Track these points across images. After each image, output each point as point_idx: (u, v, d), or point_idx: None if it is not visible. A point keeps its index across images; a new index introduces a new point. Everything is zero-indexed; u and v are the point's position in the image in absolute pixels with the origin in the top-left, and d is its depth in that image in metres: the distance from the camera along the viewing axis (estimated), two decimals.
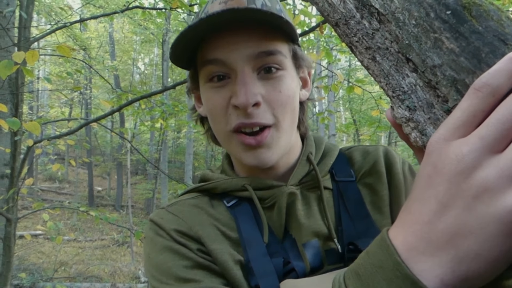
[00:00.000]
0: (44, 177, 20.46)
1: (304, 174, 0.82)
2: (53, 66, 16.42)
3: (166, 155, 13.95)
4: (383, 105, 3.93)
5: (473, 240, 0.33)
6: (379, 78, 0.46)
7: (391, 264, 0.37)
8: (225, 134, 0.76)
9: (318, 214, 0.79)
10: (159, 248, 0.75)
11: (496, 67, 0.34)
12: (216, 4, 0.74)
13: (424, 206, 0.37)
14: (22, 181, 3.59)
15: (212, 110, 0.76)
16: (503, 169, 0.32)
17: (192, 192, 0.87)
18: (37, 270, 9.41)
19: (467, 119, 0.35)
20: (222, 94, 0.73)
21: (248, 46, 0.71)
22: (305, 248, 0.75)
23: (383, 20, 0.44)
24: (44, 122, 4.09)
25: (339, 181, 0.84)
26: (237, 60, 0.71)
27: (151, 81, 19.71)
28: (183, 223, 0.77)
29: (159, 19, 8.98)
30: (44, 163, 18.19)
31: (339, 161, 0.88)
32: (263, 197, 0.80)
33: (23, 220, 12.36)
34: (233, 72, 0.72)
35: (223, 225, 0.78)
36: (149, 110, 4.77)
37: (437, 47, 0.39)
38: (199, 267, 0.72)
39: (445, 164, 0.35)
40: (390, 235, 0.39)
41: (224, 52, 0.71)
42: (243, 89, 0.70)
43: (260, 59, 0.71)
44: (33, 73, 2.42)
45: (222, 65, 0.72)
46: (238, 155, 0.77)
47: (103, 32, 18.43)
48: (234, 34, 0.71)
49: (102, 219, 3.83)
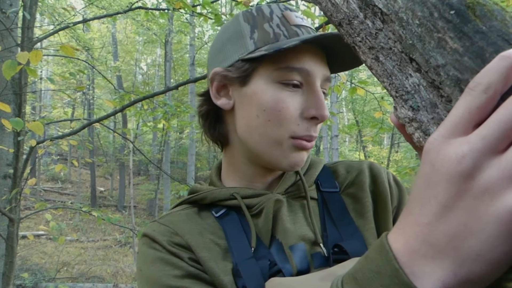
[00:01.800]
0: (46, 178, 20.52)
1: (291, 184, 0.86)
2: (55, 67, 16.48)
3: (168, 155, 13.97)
4: (385, 106, 3.92)
5: (474, 241, 0.33)
6: (382, 78, 0.46)
7: (389, 271, 0.37)
8: (278, 137, 0.76)
9: (303, 221, 0.82)
10: (150, 260, 0.76)
11: (487, 66, 0.34)
12: (292, 15, 0.80)
13: (424, 207, 0.36)
14: (25, 181, 3.60)
15: (282, 112, 0.75)
16: (504, 170, 0.31)
17: (182, 204, 0.89)
18: (39, 270, 9.44)
19: (462, 115, 0.35)
20: (297, 100, 0.76)
21: (324, 67, 0.78)
22: (292, 251, 0.77)
23: (386, 20, 0.44)
24: (47, 123, 4.11)
25: (324, 191, 0.88)
26: (317, 76, 0.77)
27: (154, 82, 19.75)
28: (174, 233, 0.79)
29: (162, 19, 9.00)
30: (47, 164, 18.24)
31: (324, 174, 0.92)
32: (251, 204, 0.82)
33: (26, 220, 12.39)
34: (309, 85, 0.77)
35: (211, 233, 0.79)
36: (151, 110, 4.78)
37: (441, 47, 0.39)
38: (190, 276, 0.73)
39: (444, 163, 0.34)
40: (390, 239, 0.39)
41: (310, 65, 0.76)
42: (322, 102, 0.76)
43: (324, 82, 0.79)
44: (36, 73, 2.42)
45: (306, 75, 0.76)
46: (285, 156, 0.78)
47: (105, 33, 18.49)
48: (317, 52, 0.78)
49: (105, 219, 3.84)
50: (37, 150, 3.76)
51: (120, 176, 18.34)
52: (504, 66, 0.33)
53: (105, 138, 21.49)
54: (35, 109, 16.43)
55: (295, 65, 0.75)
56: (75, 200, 16.33)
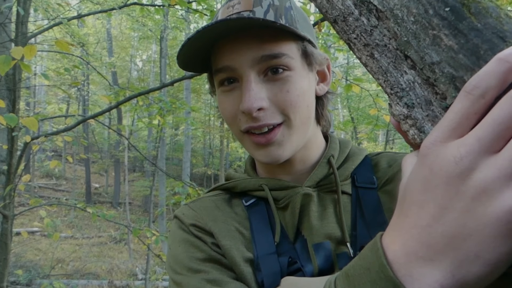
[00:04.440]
0: (41, 174, 20.42)
1: (323, 177, 0.83)
2: (50, 62, 16.35)
3: (164, 152, 13.93)
4: (380, 103, 3.93)
5: (472, 242, 0.33)
6: (377, 75, 0.46)
7: (377, 266, 0.38)
8: (237, 135, 0.80)
9: (333, 217, 0.79)
10: (178, 241, 0.81)
11: (485, 69, 0.34)
12: (225, 8, 0.76)
13: (422, 210, 0.36)
14: (19, 178, 3.58)
15: (224, 114, 0.79)
16: (501, 169, 0.32)
17: (216, 190, 0.91)
18: (34, 267, 9.41)
19: (460, 121, 0.35)
20: (231, 99, 0.76)
21: (251, 50, 0.72)
22: (316, 250, 0.75)
23: (381, 17, 0.44)
24: (42, 119, 4.08)
25: (359, 187, 0.83)
26: (242, 65, 0.72)
27: (149, 78, 19.67)
28: (200, 218, 0.82)
29: (157, 15, 8.95)
30: (41, 160, 18.16)
31: (362, 167, 0.86)
32: (278, 197, 0.81)
33: (20, 217, 12.34)
34: (240, 77, 0.74)
35: (237, 222, 0.81)
36: (146, 106, 4.76)
37: (436, 44, 0.39)
38: (211, 260, 0.76)
39: (442, 166, 0.35)
40: (386, 241, 0.39)
41: (230, 58, 0.73)
42: (247, 94, 0.71)
43: (264, 62, 0.72)
44: (31, 68, 2.41)
45: (230, 71, 0.74)
46: (252, 153, 0.80)
47: (100, 29, 18.35)
48: (238, 40, 0.72)
49: (100, 216, 3.83)
50: (31, 146, 3.74)
51: (115, 173, 18.29)
52: (501, 70, 0.33)
53: (100, 135, 21.41)
54: (29, 105, 16.32)
55: (218, 65, 0.75)
56: (69, 196, 16.29)
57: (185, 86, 12.70)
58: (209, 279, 0.72)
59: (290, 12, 0.75)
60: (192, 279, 0.73)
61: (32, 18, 5.87)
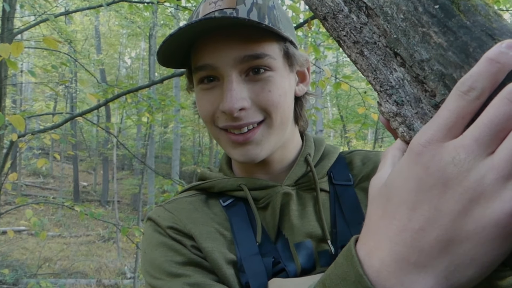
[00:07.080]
0: (28, 172, 20.16)
1: (301, 175, 0.83)
2: (37, 59, 16.15)
3: (153, 150, 13.86)
4: (369, 101, 3.95)
5: (469, 245, 0.32)
6: (366, 72, 0.46)
7: (353, 276, 0.37)
8: (214, 132, 0.79)
9: (312, 215, 0.80)
10: (154, 244, 0.78)
11: (477, 69, 0.33)
12: (206, 4, 0.74)
13: (414, 212, 0.35)
14: (5, 176, 3.53)
15: (201, 112, 0.78)
16: (498, 169, 0.31)
17: (190, 190, 0.88)
18: (20, 266, 9.29)
19: (456, 120, 0.34)
20: (211, 98, 0.75)
21: (234, 50, 0.71)
22: (297, 249, 0.76)
23: (371, 14, 0.44)
24: (28, 116, 4.03)
25: (336, 184, 0.84)
26: (224, 64, 0.72)
27: (138, 76, 19.52)
28: (178, 220, 0.79)
29: (146, 12, 8.89)
30: (28, 158, 17.93)
31: (338, 164, 0.88)
32: (258, 197, 0.81)
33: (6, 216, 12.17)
34: (221, 76, 0.73)
35: (217, 223, 0.79)
36: (135, 104, 4.73)
37: (425, 41, 0.39)
38: (191, 264, 0.74)
39: (440, 166, 0.33)
40: (367, 245, 0.38)
41: (212, 57, 0.72)
42: (229, 94, 0.71)
43: (246, 62, 0.72)
44: (17, 65, 2.37)
45: (211, 69, 0.73)
46: (228, 152, 0.79)
47: (88, 25, 18.17)
48: (221, 38, 0.72)
49: (88, 214, 3.79)
50: (18, 144, 3.69)
51: (103, 171, 18.14)
52: (493, 71, 0.33)
53: (88, 132, 21.20)
54: (16, 102, 16.10)
55: (198, 63, 0.74)
56: (57, 195, 16.11)
57: (175, 84, 12.63)
58: (190, 283, 0.70)
59: (273, 12, 0.75)
60: (173, 284, 0.71)
61: (18, 14, 5.78)
